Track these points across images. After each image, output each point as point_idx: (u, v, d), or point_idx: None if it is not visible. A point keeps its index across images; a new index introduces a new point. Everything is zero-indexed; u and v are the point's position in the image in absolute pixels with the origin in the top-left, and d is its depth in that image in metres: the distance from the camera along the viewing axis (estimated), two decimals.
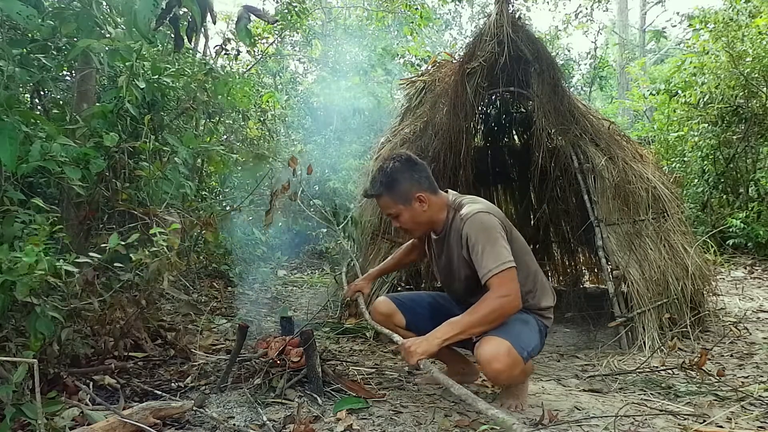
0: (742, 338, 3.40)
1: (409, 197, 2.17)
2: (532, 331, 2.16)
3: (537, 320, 2.23)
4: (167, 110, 3.44)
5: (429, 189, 2.21)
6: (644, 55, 15.73)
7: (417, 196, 2.17)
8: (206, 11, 2.03)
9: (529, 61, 3.77)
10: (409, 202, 2.18)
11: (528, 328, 2.15)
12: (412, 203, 2.18)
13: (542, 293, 2.28)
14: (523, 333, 2.10)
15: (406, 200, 2.18)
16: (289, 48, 8.92)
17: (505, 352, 1.97)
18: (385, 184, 2.19)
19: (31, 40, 2.37)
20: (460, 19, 19.46)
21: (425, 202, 2.18)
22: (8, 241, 1.89)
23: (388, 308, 2.44)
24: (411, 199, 2.17)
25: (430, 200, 2.20)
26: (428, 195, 2.19)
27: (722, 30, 6.95)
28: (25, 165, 1.95)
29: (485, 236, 2.05)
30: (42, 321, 1.89)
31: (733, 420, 2.11)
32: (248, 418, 2.04)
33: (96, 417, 1.86)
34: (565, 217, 4.87)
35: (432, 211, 2.21)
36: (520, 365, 2.03)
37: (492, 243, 2.03)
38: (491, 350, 1.98)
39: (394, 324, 2.41)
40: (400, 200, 2.18)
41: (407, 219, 2.21)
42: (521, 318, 2.15)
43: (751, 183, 7.34)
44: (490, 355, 1.97)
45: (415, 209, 2.19)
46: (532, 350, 2.11)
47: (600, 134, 3.76)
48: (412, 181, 2.18)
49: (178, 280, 3.65)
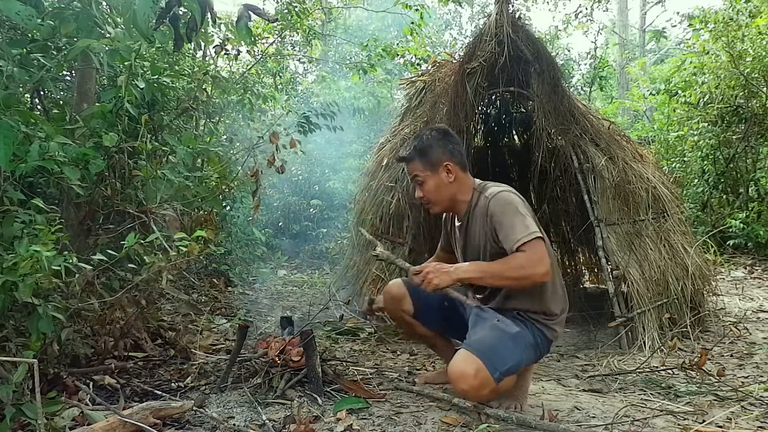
0: (742, 338, 3.41)
1: (437, 164, 2.20)
2: (518, 347, 2.06)
3: (535, 331, 2.13)
4: (167, 110, 3.44)
5: (459, 163, 2.23)
6: (644, 55, 15.74)
7: (445, 165, 2.19)
8: (206, 10, 2.03)
9: (529, 61, 3.77)
10: (437, 169, 2.20)
11: (514, 342, 2.05)
12: (440, 171, 2.20)
13: (552, 297, 2.16)
14: (503, 350, 2.02)
15: (434, 166, 2.20)
16: (289, 48, 8.91)
17: (472, 373, 1.92)
18: (419, 149, 2.23)
19: (31, 40, 2.37)
20: (460, 19, 19.47)
21: (452, 173, 2.20)
22: (8, 241, 1.89)
23: (399, 292, 2.38)
24: (439, 167, 2.19)
25: (457, 174, 2.21)
26: (456, 168, 2.21)
27: (722, 30, 6.95)
28: (24, 165, 1.94)
29: (512, 210, 2.04)
30: (44, 321, 1.89)
31: (733, 420, 2.11)
32: (248, 418, 2.04)
33: (96, 417, 1.86)
34: (565, 217, 4.87)
35: (457, 186, 2.22)
36: (489, 386, 1.96)
37: (519, 216, 2.02)
38: (460, 369, 1.95)
39: (402, 309, 2.38)
40: (429, 166, 2.20)
41: (432, 187, 2.21)
42: (512, 331, 2.07)
43: (751, 183, 7.34)
44: (457, 374, 1.96)
45: (441, 178, 2.20)
46: (509, 369, 2.01)
47: (600, 134, 3.76)
48: (445, 150, 2.21)
49: (178, 280, 3.65)
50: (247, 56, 5.88)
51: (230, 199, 4.95)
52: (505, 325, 2.10)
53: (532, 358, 2.16)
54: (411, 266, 2.16)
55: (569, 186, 4.02)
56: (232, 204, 5.23)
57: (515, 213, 2.04)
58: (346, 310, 3.81)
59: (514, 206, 2.06)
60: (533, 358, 2.18)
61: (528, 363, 2.17)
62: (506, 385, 2.06)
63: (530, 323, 2.14)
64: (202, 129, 4.16)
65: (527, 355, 2.11)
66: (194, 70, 3.76)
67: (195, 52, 4.59)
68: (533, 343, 2.12)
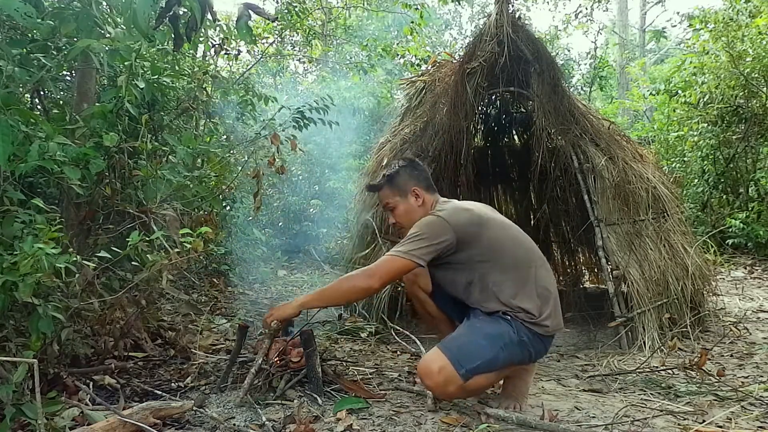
0: (742, 338, 3.41)
1: (405, 190, 2.38)
2: (493, 345, 2.04)
3: (521, 329, 2.09)
4: (167, 110, 3.44)
5: (425, 187, 2.40)
6: (644, 55, 15.74)
7: (413, 190, 2.37)
8: (206, 10, 2.03)
9: (529, 61, 3.77)
10: (406, 195, 2.38)
11: (488, 341, 2.05)
12: (408, 196, 2.37)
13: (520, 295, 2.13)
14: (471, 348, 2.03)
15: (402, 192, 2.38)
16: (289, 48, 8.92)
17: (436, 370, 1.98)
18: (387, 177, 2.43)
19: (31, 40, 2.37)
20: (460, 19, 19.49)
21: (420, 197, 2.37)
22: (8, 241, 1.89)
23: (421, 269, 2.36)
24: (407, 192, 2.37)
25: (424, 197, 2.38)
26: (423, 192, 2.38)
27: (722, 30, 6.95)
28: (24, 165, 1.94)
29: (415, 228, 2.19)
30: (44, 321, 1.89)
31: (733, 420, 2.11)
32: (248, 418, 2.04)
33: (96, 417, 1.86)
34: (565, 217, 4.87)
35: (424, 209, 2.36)
36: (454, 383, 1.97)
37: (412, 236, 2.15)
38: (425, 365, 2.03)
39: (418, 284, 2.47)
40: (398, 192, 2.39)
41: (402, 212, 2.38)
42: (488, 330, 2.08)
43: (751, 183, 7.34)
44: (423, 370, 2.03)
45: (410, 203, 2.37)
46: (477, 366, 2.00)
47: (600, 134, 3.76)
48: (411, 176, 2.40)
49: (178, 280, 3.65)
50: (248, 56, 5.88)
51: (230, 199, 4.94)
52: (485, 324, 2.11)
53: (517, 356, 2.11)
54: None
55: (569, 186, 4.02)
56: (232, 204, 5.23)
57: (414, 232, 2.17)
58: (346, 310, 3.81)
59: (421, 226, 2.18)
60: (519, 357, 2.12)
61: (513, 361, 2.12)
62: (480, 383, 2.06)
63: (516, 322, 2.11)
64: (202, 129, 4.16)
65: (507, 354, 2.07)
66: (194, 70, 3.76)
67: (195, 52, 4.59)
68: (518, 341, 2.08)
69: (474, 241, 2.16)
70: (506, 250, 2.20)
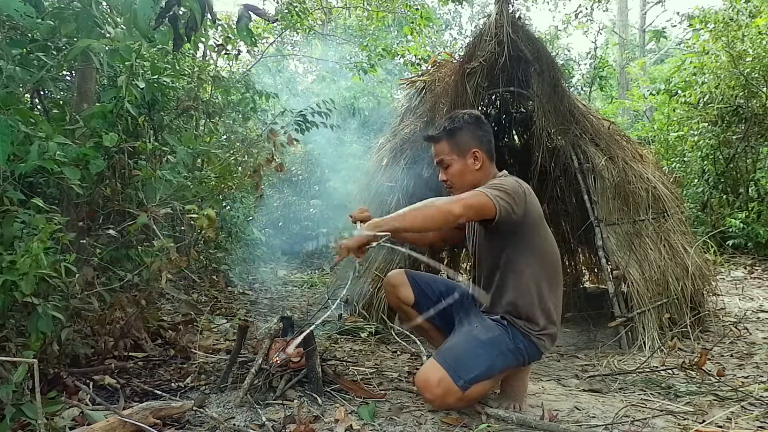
0: (742, 338, 3.41)
1: (466, 149, 2.18)
2: (489, 353, 2.02)
3: (517, 336, 2.08)
4: (167, 110, 3.44)
5: (487, 152, 2.22)
6: (644, 55, 15.74)
7: (473, 152, 2.18)
8: (206, 10, 2.03)
9: (529, 61, 3.77)
10: (465, 154, 2.18)
11: (484, 349, 2.02)
12: (467, 157, 2.18)
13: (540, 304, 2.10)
14: (469, 358, 1.99)
15: (462, 151, 2.19)
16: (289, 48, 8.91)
17: (435, 382, 1.93)
18: (449, 130, 2.20)
19: (31, 40, 2.37)
20: (460, 19, 19.49)
21: (479, 160, 2.19)
22: (8, 241, 1.89)
23: (399, 280, 2.36)
24: (467, 152, 2.18)
25: (483, 161, 2.20)
26: (484, 156, 2.20)
27: (722, 30, 6.95)
28: (24, 165, 1.94)
29: (496, 182, 2.06)
30: (44, 321, 1.89)
31: (733, 420, 2.11)
32: (248, 418, 2.04)
33: (96, 417, 1.86)
34: (565, 217, 4.87)
35: (481, 174, 2.19)
36: (454, 395, 1.95)
37: (496, 186, 2.01)
38: (424, 378, 1.97)
39: (399, 298, 2.36)
40: (457, 150, 2.19)
41: (456, 171, 2.20)
42: (484, 337, 2.04)
43: (751, 183, 7.34)
44: (422, 383, 1.98)
45: (467, 164, 2.19)
46: (476, 377, 1.97)
47: (600, 134, 3.76)
48: (475, 136, 2.20)
49: (178, 280, 3.65)
50: (248, 56, 5.88)
51: (230, 199, 4.95)
52: (480, 331, 2.08)
53: (512, 362, 2.10)
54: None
55: (569, 186, 4.02)
56: (232, 204, 5.23)
57: (495, 183, 2.05)
58: (346, 310, 3.81)
59: (502, 182, 2.06)
60: (515, 363, 2.11)
61: (507, 368, 2.11)
62: (478, 391, 2.03)
63: (513, 328, 2.10)
64: (202, 129, 4.16)
65: (503, 361, 2.06)
66: (194, 70, 3.76)
67: (195, 52, 4.59)
68: (513, 348, 2.08)
69: (533, 226, 2.10)
70: (553, 254, 2.18)
